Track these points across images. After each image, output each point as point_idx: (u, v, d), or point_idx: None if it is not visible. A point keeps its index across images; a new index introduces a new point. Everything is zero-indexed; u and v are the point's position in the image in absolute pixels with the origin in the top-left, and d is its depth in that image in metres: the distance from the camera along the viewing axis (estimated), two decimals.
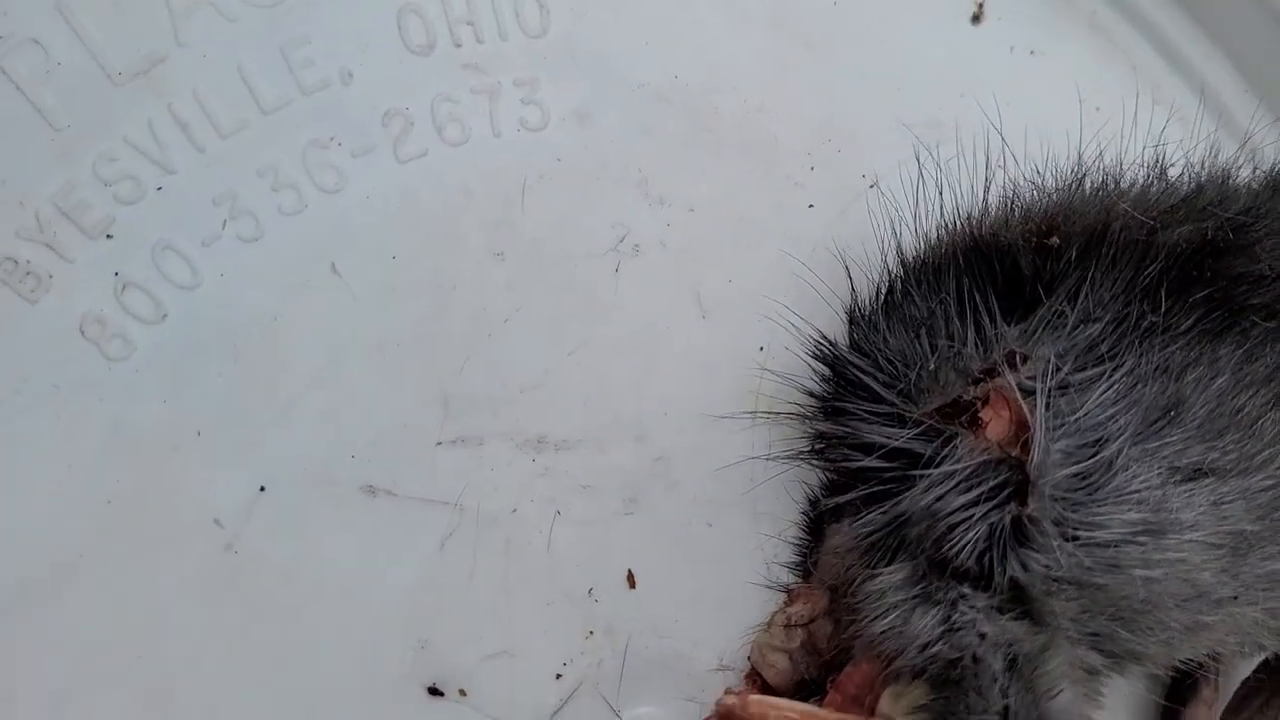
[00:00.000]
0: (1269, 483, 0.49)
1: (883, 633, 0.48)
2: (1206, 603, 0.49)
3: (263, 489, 0.53)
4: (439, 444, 0.54)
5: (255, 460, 0.53)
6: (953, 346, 0.51)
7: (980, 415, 0.50)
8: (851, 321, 0.55)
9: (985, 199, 0.53)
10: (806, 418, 0.54)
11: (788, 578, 0.55)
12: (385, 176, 0.55)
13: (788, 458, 0.55)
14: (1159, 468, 0.48)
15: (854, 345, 0.55)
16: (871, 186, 0.59)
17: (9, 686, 0.50)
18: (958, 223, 0.53)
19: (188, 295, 0.53)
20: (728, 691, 0.48)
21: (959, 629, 0.46)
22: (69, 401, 0.51)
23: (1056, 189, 0.53)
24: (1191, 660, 0.59)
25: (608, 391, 0.56)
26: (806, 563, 0.55)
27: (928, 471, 0.48)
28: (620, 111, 0.58)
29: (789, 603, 0.54)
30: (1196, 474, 0.49)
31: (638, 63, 0.58)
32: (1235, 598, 0.50)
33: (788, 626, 0.54)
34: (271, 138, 0.53)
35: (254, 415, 0.53)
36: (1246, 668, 0.64)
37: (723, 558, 0.56)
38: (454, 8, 0.56)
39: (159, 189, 0.52)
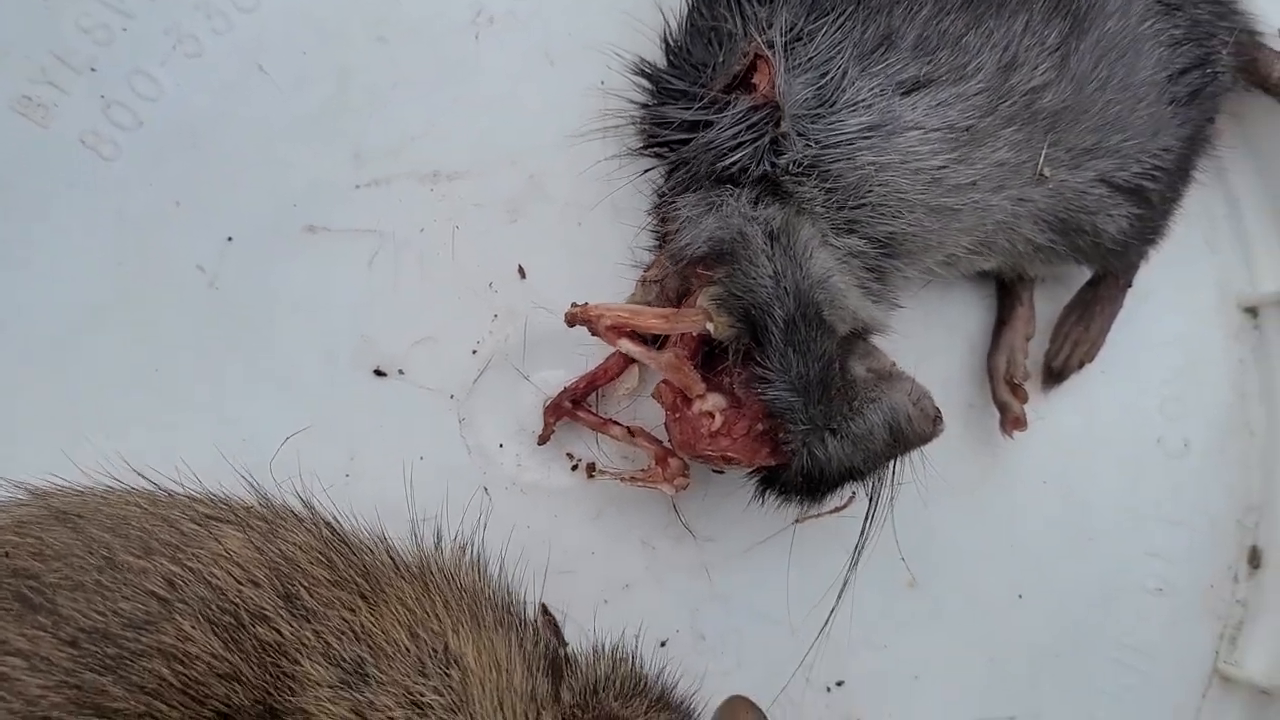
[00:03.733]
0: (981, 86, 0.62)
1: (685, 243, 0.62)
2: (945, 188, 0.62)
3: (230, 239, 0.69)
4: (357, 187, 0.70)
5: (221, 218, 0.69)
6: (731, 38, 0.65)
7: (753, 80, 0.64)
8: (665, 46, 0.69)
9: None
10: (638, 120, 0.69)
11: (645, 256, 0.69)
12: None
13: (631, 154, 0.69)
14: (882, 84, 0.61)
15: (669, 63, 0.69)
16: None
17: (66, 394, 0.67)
18: None
19: (155, 105, 0.69)
20: (572, 304, 0.63)
21: (729, 218, 0.60)
22: (80, 194, 0.69)
23: None
24: (1006, 276, 0.72)
25: (482, 130, 0.71)
26: (660, 239, 0.69)
27: (711, 120, 0.63)
28: None
29: (647, 269, 0.69)
30: (916, 86, 0.62)
31: None
32: (974, 183, 0.63)
33: (645, 284, 0.68)
34: None
35: (215, 184, 0.69)
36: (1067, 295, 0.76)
37: (593, 248, 0.71)
38: None
39: (124, 30, 0.69)
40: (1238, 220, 0.79)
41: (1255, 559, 0.78)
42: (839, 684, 0.73)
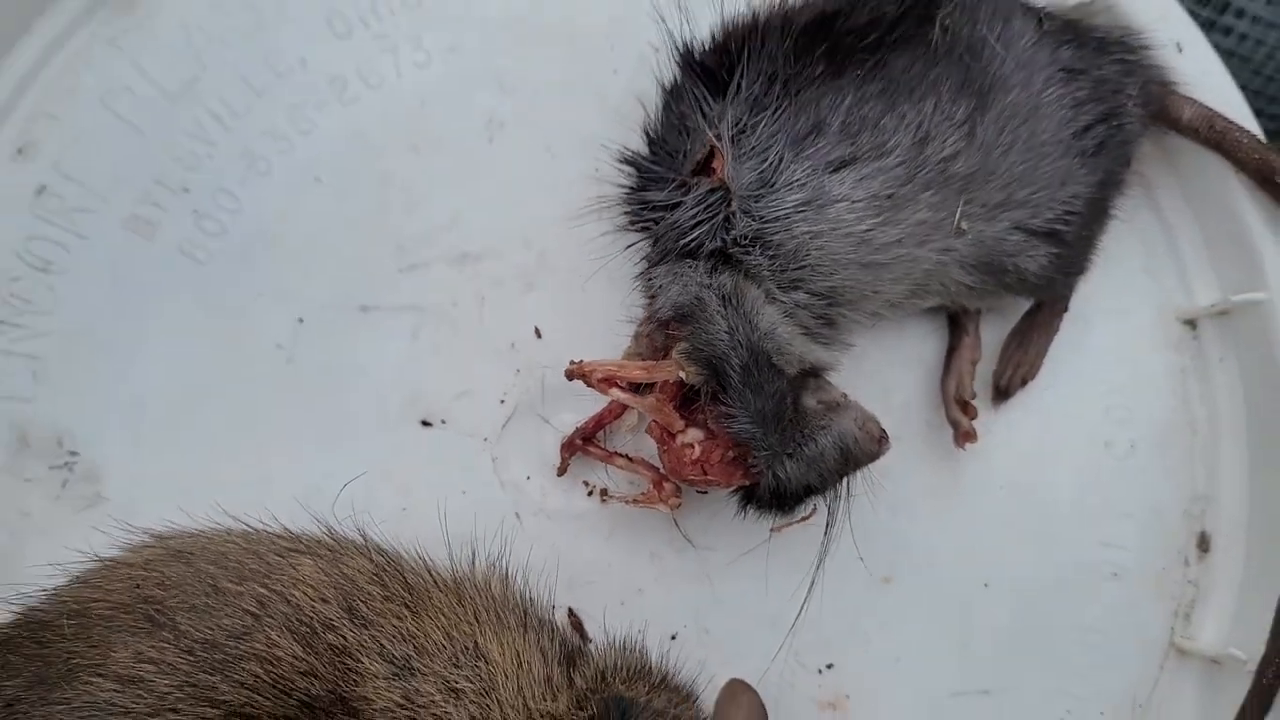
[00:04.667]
0: (899, 160, 0.74)
1: (657, 308, 0.75)
2: (873, 247, 0.75)
3: (301, 320, 0.85)
4: (400, 271, 0.85)
5: (293, 303, 0.85)
6: (695, 129, 0.78)
7: (713, 165, 0.77)
8: (646, 137, 0.83)
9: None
10: (625, 201, 0.82)
11: (638, 312, 0.83)
12: (337, 117, 0.86)
13: (620, 230, 0.83)
14: (813, 165, 0.74)
15: (650, 151, 0.82)
16: (656, 51, 0.85)
17: (178, 458, 0.83)
18: (678, 57, 0.80)
19: (236, 215, 0.85)
20: (570, 362, 0.76)
21: (689, 287, 0.74)
22: (181, 292, 0.85)
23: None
24: (951, 310, 0.84)
25: (499, 217, 0.85)
26: (648, 299, 0.83)
27: (681, 200, 0.76)
28: (479, 40, 0.87)
29: (639, 324, 0.82)
30: (843, 164, 0.74)
31: (487, 5, 0.88)
32: (900, 241, 0.75)
33: (638, 338, 0.82)
34: (266, 110, 0.86)
35: (287, 277, 0.85)
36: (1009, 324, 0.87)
37: (595, 309, 0.85)
38: (360, 4, 0.87)
39: (209, 157, 0.86)
40: (1172, 244, 0.89)
41: (1204, 543, 0.88)
42: (829, 666, 0.85)
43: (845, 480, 0.77)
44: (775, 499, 0.76)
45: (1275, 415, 0.86)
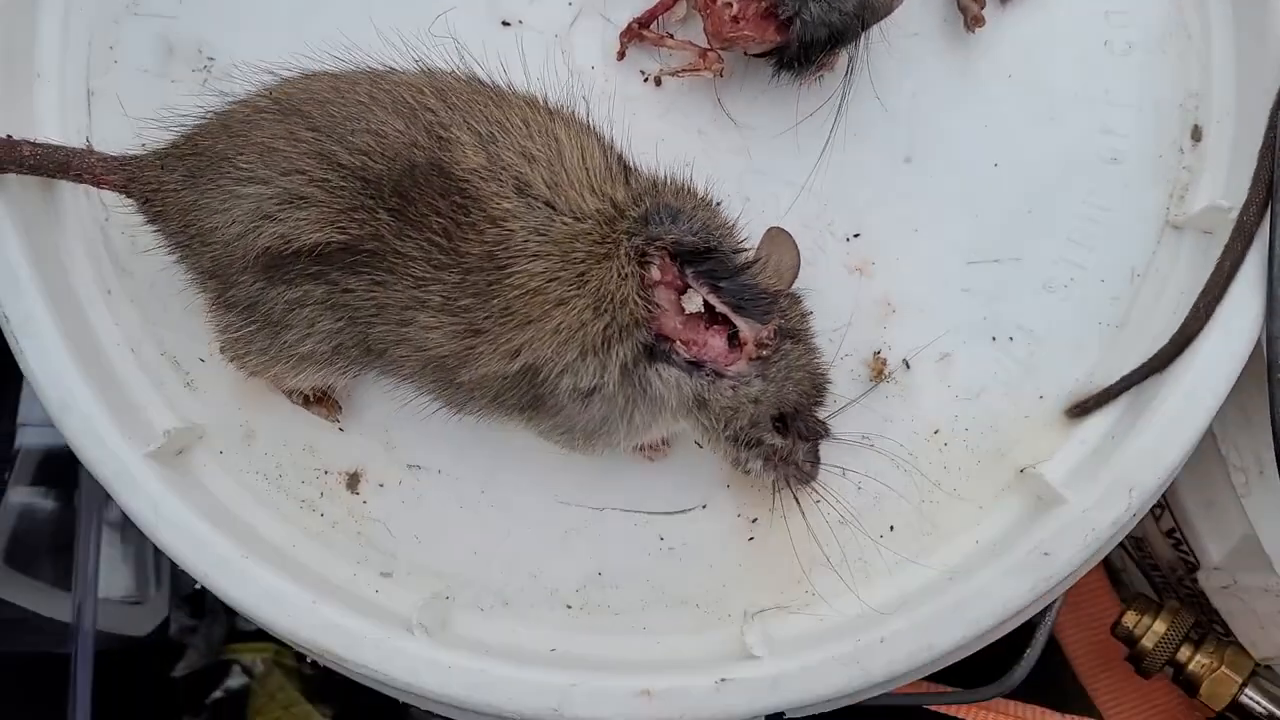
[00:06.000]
0: None
1: None
2: None
3: None
4: None
5: None
6: None
7: None
8: None
9: None
10: None
11: None
12: None
13: None
14: None
15: None
16: None
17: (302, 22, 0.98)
18: None
19: None
20: None
21: None
22: None
23: None
24: None
25: None
26: None
27: None
28: None
29: None
30: None
31: None
32: None
33: None
34: None
35: None
36: None
37: None
38: None
39: None
40: None
41: (1197, 134, 0.98)
42: (856, 235, 0.97)
43: (864, 34, 0.89)
44: (804, 51, 0.88)
45: (1260, 18, 0.96)
